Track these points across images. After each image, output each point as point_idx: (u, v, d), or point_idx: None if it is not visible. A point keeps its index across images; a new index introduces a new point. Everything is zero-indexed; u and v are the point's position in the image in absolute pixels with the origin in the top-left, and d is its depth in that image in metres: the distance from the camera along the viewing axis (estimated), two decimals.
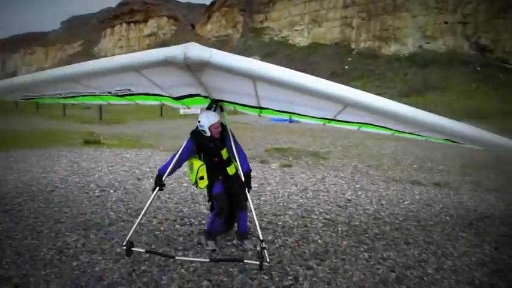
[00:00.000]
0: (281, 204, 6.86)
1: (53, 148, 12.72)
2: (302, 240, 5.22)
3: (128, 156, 11.51)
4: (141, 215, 4.62)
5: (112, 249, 4.83)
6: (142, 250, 4.48)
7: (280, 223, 5.87)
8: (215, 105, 4.74)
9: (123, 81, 3.83)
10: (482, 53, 48.91)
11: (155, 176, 4.73)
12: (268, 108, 4.84)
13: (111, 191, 7.56)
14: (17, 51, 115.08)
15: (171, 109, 23.19)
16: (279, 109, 4.82)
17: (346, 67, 54.79)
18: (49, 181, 8.24)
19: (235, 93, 4.23)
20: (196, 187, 4.87)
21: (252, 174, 8.44)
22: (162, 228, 5.56)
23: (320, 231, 5.61)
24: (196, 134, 4.66)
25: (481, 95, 39.74)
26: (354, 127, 5.42)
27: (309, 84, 2.99)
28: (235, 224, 5.17)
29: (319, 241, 5.22)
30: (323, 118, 4.90)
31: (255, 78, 3.07)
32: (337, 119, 4.65)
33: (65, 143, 14.07)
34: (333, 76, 49.52)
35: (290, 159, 11.36)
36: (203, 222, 5.75)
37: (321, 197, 7.41)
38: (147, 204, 4.63)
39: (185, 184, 7.78)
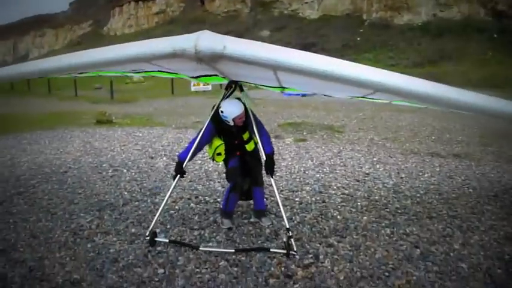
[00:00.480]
0: (297, 179, 6.69)
1: (65, 129, 12.67)
2: (321, 217, 5.06)
3: (140, 135, 11.40)
4: (163, 205, 4.46)
5: (127, 229, 4.74)
6: (166, 240, 4.33)
7: (297, 199, 5.70)
8: (234, 85, 4.51)
9: (134, 66, 3.63)
10: (499, 19, 47.24)
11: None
12: (291, 87, 4.63)
13: (125, 170, 7.47)
14: (28, 34, 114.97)
15: (183, 87, 22.95)
16: (303, 89, 4.62)
17: (358, 39, 53.48)
18: (62, 162, 8.18)
19: (255, 77, 4.00)
20: (213, 161, 4.73)
21: None
22: (176, 207, 5.44)
23: (339, 206, 5.44)
24: (217, 119, 4.39)
25: (497, 63, 38.48)
26: (385, 101, 5.22)
27: (334, 72, 2.67)
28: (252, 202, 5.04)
29: (339, 217, 5.06)
30: (351, 96, 4.69)
31: (275, 67, 2.82)
32: (366, 97, 4.45)
33: (77, 123, 14.02)
34: (344, 48, 48.53)
35: (304, 133, 11.13)
36: (218, 200, 5.62)
37: (337, 171, 7.22)
38: (168, 193, 4.49)
39: (199, 161, 7.63)
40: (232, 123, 4.34)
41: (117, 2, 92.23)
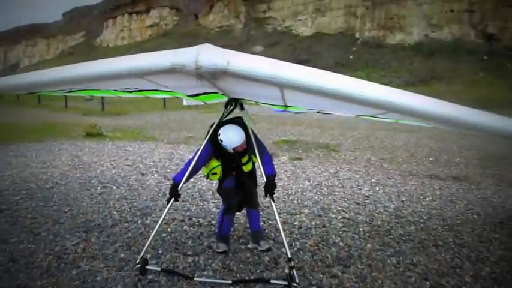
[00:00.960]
0: (295, 201, 6.42)
1: (53, 141, 12.31)
2: (322, 243, 4.78)
3: (131, 149, 11.08)
4: (155, 230, 4.15)
5: (115, 254, 4.41)
6: (158, 269, 4.00)
7: (296, 223, 5.43)
8: (234, 103, 4.24)
9: (127, 82, 3.35)
10: (489, 42, 47.93)
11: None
12: (296, 106, 4.39)
13: (114, 187, 7.14)
14: (19, 43, 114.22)
15: (175, 100, 22.54)
16: (308, 108, 4.38)
17: (351, 57, 53.84)
18: (49, 177, 7.82)
19: (258, 95, 3.74)
20: (207, 179, 4.46)
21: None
22: (169, 229, 5.13)
23: (340, 232, 5.17)
24: (215, 141, 4.06)
25: (488, 84, 38.88)
26: (390, 120, 5.00)
27: (352, 93, 2.44)
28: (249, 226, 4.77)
29: (341, 244, 4.79)
30: (358, 114, 4.45)
31: (283, 86, 2.57)
32: (374, 116, 4.23)
33: (66, 135, 13.65)
34: (337, 65, 48.69)
35: (300, 151, 10.90)
36: (213, 222, 5.32)
37: (336, 193, 6.96)
38: (162, 217, 4.16)
39: (192, 179, 7.30)
40: (232, 151, 4.08)
41: (111, 14, 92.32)
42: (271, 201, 4.07)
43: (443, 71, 43.36)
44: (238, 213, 5.02)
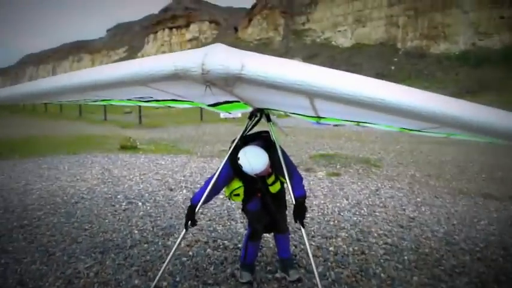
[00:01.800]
0: (331, 223, 5.83)
1: (88, 154, 12.27)
2: (361, 274, 4.18)
3: (163, 163, 10.83)
4: (170, 256, 3.73)
5: (129, 280, 4.01)
6: None
7: (331, 248, 4.84)
8: (260, 114, 3.76)
9: (137, 90, 2.93)
10: None
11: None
12: (331, 118, 3.84)
13: (140, 203, 6.81)
14: (66, 59, 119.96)
15: (212, 113, 22.50)
16: (345, 119, 3.82)
17: (392, 68, 52.48)
18: (76, 191, 7.62)
19: (285, 105, 3.23)
20: (229, 199, 4.00)
21: None
22: (190, 252, 4.68)
23: (382, 260, 4.54)
24: (235, 163, 3.52)
25: None
26: (441, 135, 4.29)
27: (399, 104, 1.89)
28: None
29: (382, 275, 4.17)
30: (403, 128, 3.82)
31: (312, 94, 2.05)
32: (422, 131, 3.62)
33: (101, 148, 13.64)
34: (378, 77, 46.93)
35: (338, 166, 10.26)
36: (239, 246, 4.83)
37: (377, 213, 6.32)
38: (176, 245, 3.73)
39: (221, 196, 6.89)
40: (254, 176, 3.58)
41: (152, 29, 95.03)
42: (301, 227, 3.51)
43: (492, 81, 41.22)
44: (267, 234, 4.53)
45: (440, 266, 4.42)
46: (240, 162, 3.42)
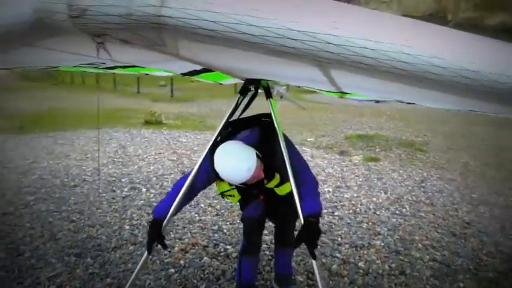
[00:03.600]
0: (364, 225, 4.73)
1: (110, 129, 11.60)
2: None
3: (184, 140, 9.96)
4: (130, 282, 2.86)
5: None
6: None
7: (361, 264, 3.77)
8: (255, 87, 2.73)
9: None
10: None
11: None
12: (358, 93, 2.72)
13: (144, 189, 5.97)
14: None
15: None
16: (375, 98, 2.70)
17: None
18: (80, 171, 6.88)
19: (285, 76, 2.17)
20: (222, 198, 3.06)
21: (328, 170, 6.33)
22: (181, 262, 3.76)
23: (428, 285, 3.44)
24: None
25: None
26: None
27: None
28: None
29: None
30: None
31: (322, 62, 1.04)
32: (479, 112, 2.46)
33: (125, 123, 12.95)
34: None
35: (377, 150, 9.00)
36: None
37: (422, 213, 5.15)
38: (136, 271, 2.83)
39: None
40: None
41: None
42: (312, 259, 2.40)
43: None
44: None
45: None
46: (215, 167, 2.39)
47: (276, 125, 2.52)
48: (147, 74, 3.79)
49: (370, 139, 10.15)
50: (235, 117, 2.78)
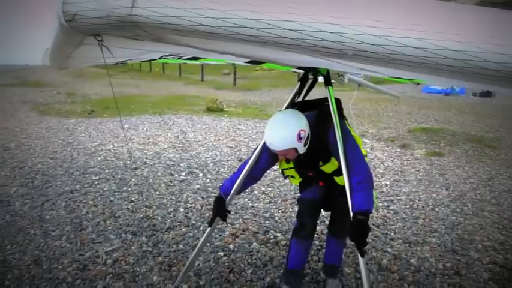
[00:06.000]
0: (420, 221, 4.53)
1: (173, 115, 12.04)
2: None
3: (243, 128, 10.09)
4: (193, 255, 3.02)
5: (147, 275, 3.30)
6: None
7: (413, 261, 3.62)
8: (314, 75, 2.80)
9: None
10: None
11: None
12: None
13: (201, 174, 6.14)
14: None
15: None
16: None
17: None
18: (142, 155, 7.21)
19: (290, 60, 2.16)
20: (285, 179, 3.14)
21: (388, 163, 6.18)
22: (231, 246, 3.83)
23: None
24: None
25: None
26: None
27: None
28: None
29: None
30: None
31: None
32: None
33: (188, 110, 13.36)
34: None
35: (442, 144, 8.55)
36: None
37: (486, 213, 4.83)
38: (199, 245, 2.99)
39: None
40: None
41: None
42: (359, 256, 2.32)
43: None
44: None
45: None
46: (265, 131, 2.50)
47: (332, 113, 2.47)
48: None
49: (435, 133, 9.65)
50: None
